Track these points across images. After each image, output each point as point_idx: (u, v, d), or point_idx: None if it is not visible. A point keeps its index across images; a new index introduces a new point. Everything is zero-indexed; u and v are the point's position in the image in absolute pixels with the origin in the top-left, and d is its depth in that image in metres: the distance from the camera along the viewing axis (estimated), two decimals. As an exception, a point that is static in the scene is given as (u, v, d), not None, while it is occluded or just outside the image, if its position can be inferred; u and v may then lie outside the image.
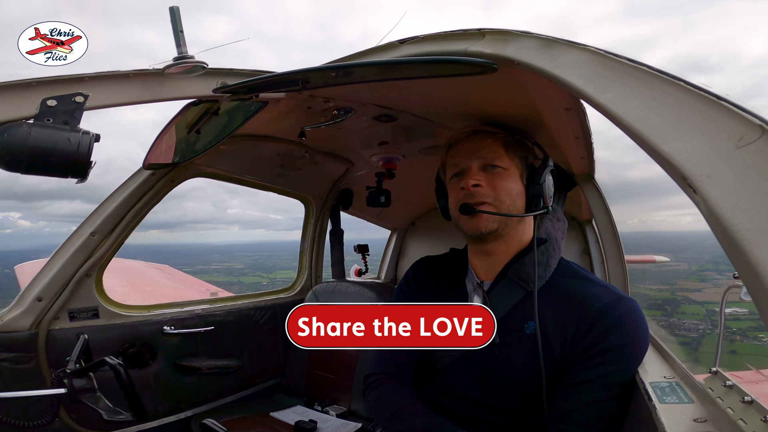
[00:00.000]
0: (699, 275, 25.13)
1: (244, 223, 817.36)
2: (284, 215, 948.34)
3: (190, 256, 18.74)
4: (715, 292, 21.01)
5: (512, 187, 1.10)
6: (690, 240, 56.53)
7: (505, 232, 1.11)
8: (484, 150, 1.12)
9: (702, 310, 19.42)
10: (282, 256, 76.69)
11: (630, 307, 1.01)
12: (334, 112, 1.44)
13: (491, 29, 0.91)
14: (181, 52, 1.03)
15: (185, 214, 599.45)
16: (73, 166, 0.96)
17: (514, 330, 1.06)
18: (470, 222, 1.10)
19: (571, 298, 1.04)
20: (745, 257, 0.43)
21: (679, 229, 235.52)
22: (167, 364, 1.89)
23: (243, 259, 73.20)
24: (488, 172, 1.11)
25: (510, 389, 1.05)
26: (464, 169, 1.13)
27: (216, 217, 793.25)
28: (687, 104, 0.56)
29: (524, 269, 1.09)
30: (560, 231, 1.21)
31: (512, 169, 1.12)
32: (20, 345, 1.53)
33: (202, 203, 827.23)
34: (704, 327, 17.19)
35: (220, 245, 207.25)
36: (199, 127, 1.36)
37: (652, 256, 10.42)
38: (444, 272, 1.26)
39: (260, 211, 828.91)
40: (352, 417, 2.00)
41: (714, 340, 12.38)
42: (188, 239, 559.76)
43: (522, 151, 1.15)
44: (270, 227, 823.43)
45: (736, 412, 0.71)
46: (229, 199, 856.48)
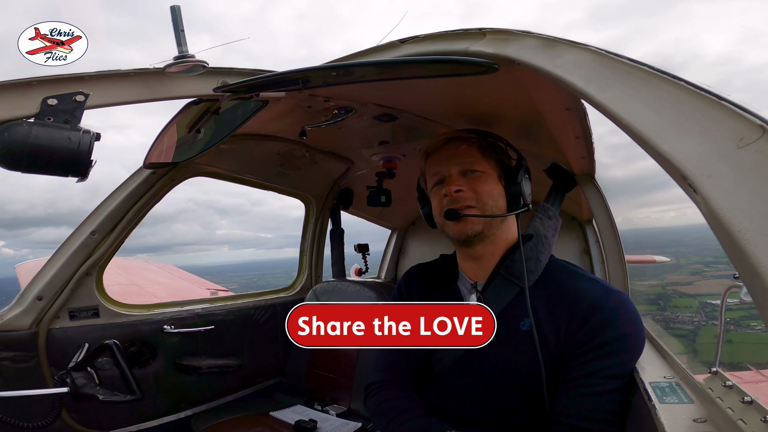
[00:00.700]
0: (688, 269, 25.37)
1: (234, 243, 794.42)
2: (274, 233, 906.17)
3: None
4: (706, 284, 21.55)
5: (492, 189, 1.13)
6: (675, 234, 56.35)
7: (490, 233, 1.13)
8: (461, 156, 1.14)
9: (695, 302, 19.61)
10: (276, 273, 76.48)
11: (621, 300, 1.02)
12: (334, 111, 1.44)
13: (492, 29, 0.91)
14: (181, 51, 1.03)
15: (174, 237, 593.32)
16: (74, 165, 0.96)
17: (510, 327, 1.07)
18: (456, 227, 1.11)
19: (562, 293, 1.05)
20: (745, 257, 0.43)
21: (662, 225, 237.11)
22: (167, 363, 1.89)
23: (236, 280, 73.32)
24: (468, 176, 1.13)
25: (510, 387, 1.05)
26: (445, 176, 1.15)
27: (205, 239, 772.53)
28: (687, 104, 0.56)
29: (515, 265, 1.11)
30: (551, 228, 1.21)
31: (490, 171, 1.14)
32: (20, 344, 1.53)
33: (191, 225, 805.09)
34: (699, 319, 17.32)
35: (211, 266, 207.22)
36: (199, 127, 1.36)
37: (652, 257, 10.43)
38: (436, 278, 1.28)
39: (250, 230, 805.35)
40: (352, 416, 2.00)
41: (709, 332, 12.39)
42: (177, 262, 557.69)
43: (496, 153, 1.17)
44: (260, 246, 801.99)
45: (736, 413, 0.70)
46: (218, 220, 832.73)
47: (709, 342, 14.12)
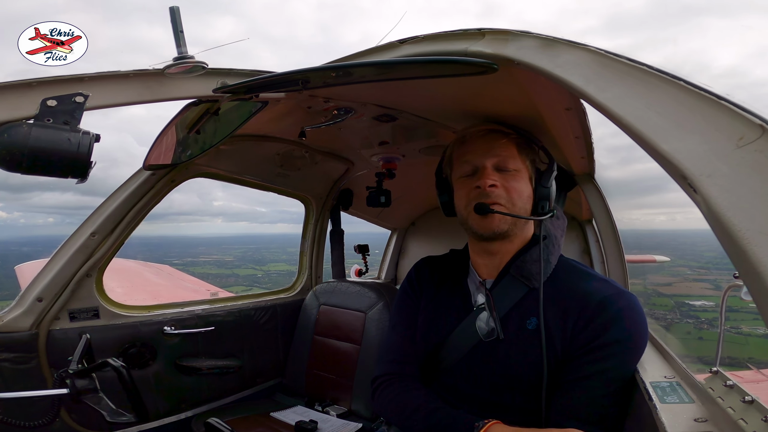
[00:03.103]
0: (670, 271, 26.40)
1: (229, 215, 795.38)
2: (269, 208, 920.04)
3: (176, 249, 18.68)
4: (687, 286, 23.54)
5: (523, 190, 1.12)
6: (664, 237, 57.04)
7: (513, 232, 1.13)
8: (498, 149, 1.12)
9: (670, 302, 21.02)
10: (271, 248, 76.55)
11: (630, 301, 1.02)
12: (334, 111, 1.44)
13: (491, 29, 0.90)
14: (181, 52, 1.03)
15: (171, 206, 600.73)
16: (73, 166, 0.96)
17: (516, 326, 1.07)
18: (483, 222, 1.10)
19: (572, 293, 1.05)
20: (745, 257, 0.43)
21: (653, 228, 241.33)
22: (167, 364, 1.89)
23: (231, 252, 73.10)
24: (502, 173, 1.12)
25: (514, 386, 1.05)
26: (478, 168, 1.13)
27: (201, 209, 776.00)
28: (687, 104, 0.56)
29: (526, 266, 1.10)
30: (560, 229, 1.22)
31: (523, 171, 1.13)
32: (21, 345, 1.53)
33: (189, 195, 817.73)
34: (672, 317, 18.95)
35: (204, 238, 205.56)
36: (199, 127, 1.36)
37: (652, 256, 10.44)
38: (446, 272, 1.27)
39: (246, 204, 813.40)
40: (353, 417, 2.00)
41: (680, 329, 12.74)
42: (170, 231, 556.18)
43: (531, 154, 1.17)
44: (254, 220, 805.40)
45: (736, 412, 0.70)
46: (214, 191, 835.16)
47: (681, 337, 15.30)
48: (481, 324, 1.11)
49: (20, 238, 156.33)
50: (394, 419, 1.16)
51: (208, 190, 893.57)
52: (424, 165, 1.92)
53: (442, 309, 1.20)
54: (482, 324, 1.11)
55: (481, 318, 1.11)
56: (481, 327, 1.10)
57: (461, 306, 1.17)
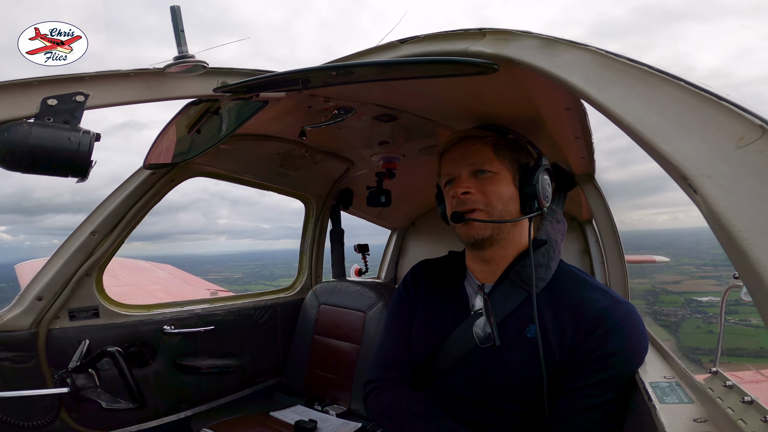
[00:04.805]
0: (677, 270, 26.99)
1: (233, 233, 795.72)
2: (273, 224, 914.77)
3: (184, 268, 18.89)
4: (693, 283, 24.05)
5: (503, 191, 1.09)
6: (667, 237, 57.35)
7: (500, 237, 1.10)
8: (473, 156, 1.11)
9: (680, 298, 21.48)
10: (277, 263, 77.54)
11: (628, 311, 1.01)
12: (334, 111, 1.44)
13: (492, 29, 0.90)
14: (181, 52, 1.03)
15: (177, 225, 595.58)
16: (74, 165, 0.96)
17: (515, 332, 1.06)
18: (464, 229, 1.09)
19: (570, 301, 1.04)
20: (745, 257, 0.43)
21: (655, 228, 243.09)
22: (167, 363, 1.89)
23: (239, 269, 74.25)
24: (478, 177, 1.10)
25: (510, 391, 1.04)
26: (454, 177, 1.13)
27: (206, 228, 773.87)
28: (687, 104, 0.56)
29: (526, 271, 1.08)
30: (560, 233, 1.19)
31: (503, 172, 1.10)
32: (20, 344, 1.53)
33: (195, 214, 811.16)
34: (683, 312, 19.35)
35: (210, 255, 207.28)
36: (199, 127, 1.36)
37: (652, 256, 10.44)
38: (443, 276, 1.26)
39: (251, 221, 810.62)
40: (352, 417, 2.00)
41: (691, 323, 12.98)
42: (174, 251, 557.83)
43: (513, 152, 1.13)
44: (258, 237, 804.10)
45: (736, 412, 0.70)
46: (223, 210, 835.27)
47: (688, 332, 15.80)
48: (478, 330, 1.09)
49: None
50: (386, 426, 1.15)
51: (213, 209, 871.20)
52: (424, 165, 1.92)
53: (439, 312, 1.19)
54: (479, 330, 1.09)
55: (478, 324, 1.10)
56: (477, 333, 1.09)
57: (458, 310, 1.16)
